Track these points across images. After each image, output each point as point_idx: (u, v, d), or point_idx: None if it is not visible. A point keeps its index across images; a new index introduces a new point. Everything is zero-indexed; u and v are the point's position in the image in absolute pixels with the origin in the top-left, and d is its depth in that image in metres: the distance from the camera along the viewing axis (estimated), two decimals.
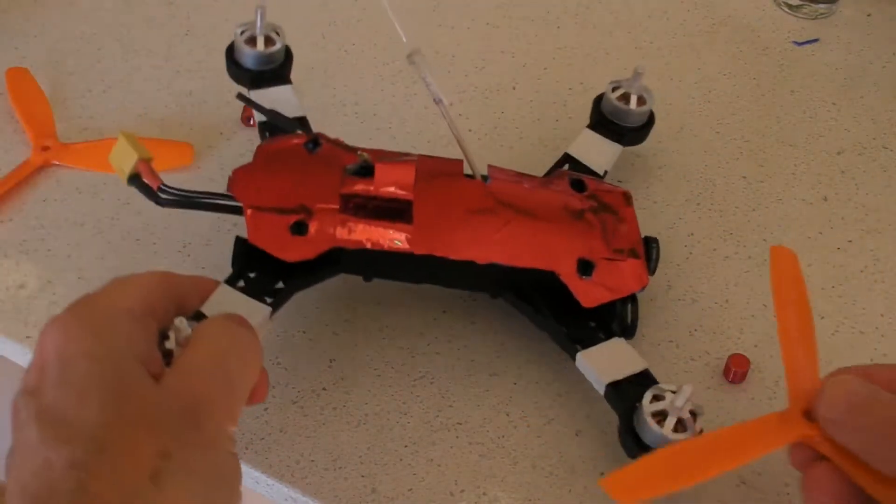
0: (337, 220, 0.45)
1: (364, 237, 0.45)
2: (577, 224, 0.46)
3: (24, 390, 0.35)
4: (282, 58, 0.55)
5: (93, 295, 0.38)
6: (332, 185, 0.45)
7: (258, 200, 0.45)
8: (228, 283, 0.44)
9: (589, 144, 0.53)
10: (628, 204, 0.48)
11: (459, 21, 0.69)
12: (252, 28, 0.54)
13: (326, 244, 0.44)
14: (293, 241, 0.44)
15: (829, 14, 0.68)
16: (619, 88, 0.55)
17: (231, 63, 0.54)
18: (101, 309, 0.37)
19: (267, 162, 0.47)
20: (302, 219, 0.45)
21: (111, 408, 0.33)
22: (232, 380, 0.37)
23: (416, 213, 0.45)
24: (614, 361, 0.43)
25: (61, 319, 0.36)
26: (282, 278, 0.45)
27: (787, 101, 0.62)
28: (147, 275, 0.40)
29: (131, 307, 0.37)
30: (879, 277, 0.52)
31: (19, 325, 0.51)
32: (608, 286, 0.45)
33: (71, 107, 0.63)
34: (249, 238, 0.45)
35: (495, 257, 0.45)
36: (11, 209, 0.56)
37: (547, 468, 0.44)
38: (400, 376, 0.48)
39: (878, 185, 0.56)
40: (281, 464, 0.44)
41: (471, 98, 0.63)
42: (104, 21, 0.70)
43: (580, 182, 0.49)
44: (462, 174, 0.48)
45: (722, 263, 0.52)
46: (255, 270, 0.45)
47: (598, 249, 0.46)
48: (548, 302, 0.46)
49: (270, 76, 0.54)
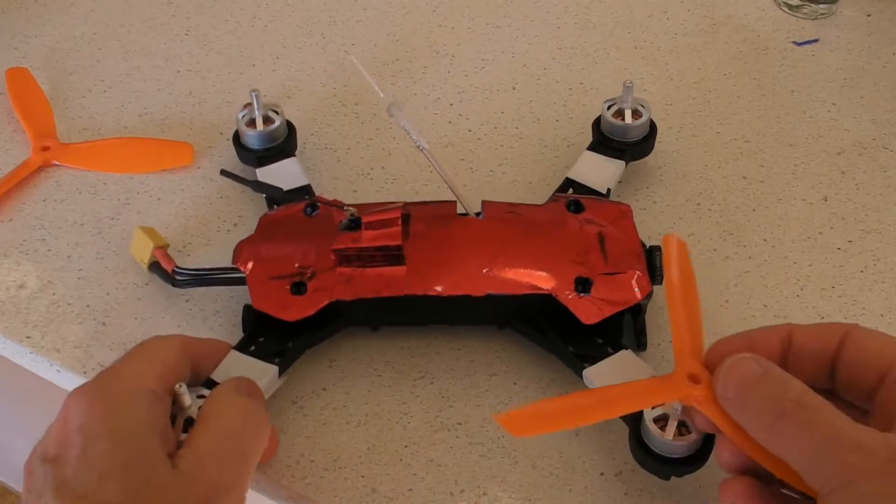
0: (333, 274, 0.46)
1: (359, 287, 0.46)
2: (572, 244, 0.47)
3: (44, 457, 0.36)
4: (284, 133, 0.56)
5: (118, 367, 0.40)
6: (328, 244, 0.47)
7: (260, 270, 0.47)
8: (240, 348, 0.46)
9: (589, 166, 0.54)
10: (627, 218, 0.49)
11: (459, 21, 0.69)
12: (251, 111, 0.55)
13: (325, 299, 0.46)
14: (293, 301, 0.46)
15: (829, 14, 0.68)
16: (614, 105, 0.55)
17: (238, 147, 0.56)
18: (125, 386, 0.38)
19: (268, 231, 0.49)
20: (300, 279, 0.46)
21: (131, 493, 0.34)
22: (247, 458, 0.39)
23: (407, 255, 0.46)
24: (620, 374, 0.44)
25: (87, 392, 0.37)
26: (290, 339, 0.46)
27: (787, 101, 0.62)
28: (168, 344, 0.41)
29: (153, 388, 0.38)
30: (879, 277, 0.52)
31: (19, 325, 0.51)
32: (609, 300, 0.45)
33: (71, 107, 0.63)
34: (253, 304, 0.46)
35: (490, 288, 0.46)
36: (11, 209, 0.56)
37: (547, 468, 0.44)
38: (400, 376, 0.48)
39: (878, 185, 0.56)
40: (281, 464, 0.44)
41: (471, 98, 0.63)
42: (104, 21, 0.70)
43: (577, 203, 0.49)
44: (455, 214, 0.49)
45: (722, 263, 0.52)
46: (264, 334, 0.47)
47: (596, 265, 0.46)
48: (553, 324, 0.46)
49: (276, 152, 0.55)
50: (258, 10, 0.71)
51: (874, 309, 0.50)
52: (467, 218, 0.48)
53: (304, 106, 0.63)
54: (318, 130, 0.61)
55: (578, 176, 0.53)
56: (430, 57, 0.66)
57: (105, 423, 0.36)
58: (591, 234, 0.47)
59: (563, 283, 0.46)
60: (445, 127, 0.61)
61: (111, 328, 0.50)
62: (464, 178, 0.57)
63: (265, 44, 0.68)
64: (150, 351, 0.41)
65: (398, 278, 0.46)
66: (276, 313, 0.46)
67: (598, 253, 0.46)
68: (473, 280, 0.46)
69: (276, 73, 0.65)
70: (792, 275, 0.52)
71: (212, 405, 0.39)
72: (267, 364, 0.45)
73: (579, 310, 0.45)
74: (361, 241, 0.46)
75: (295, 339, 0.46)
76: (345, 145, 0.60)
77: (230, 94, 0.64)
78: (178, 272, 0.49)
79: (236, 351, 0.45)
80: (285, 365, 0.46)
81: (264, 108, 0.55)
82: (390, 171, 0.58)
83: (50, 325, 0.51)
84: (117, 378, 0.39)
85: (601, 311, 0.45)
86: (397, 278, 0.46)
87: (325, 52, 0.67)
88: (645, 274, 0.46)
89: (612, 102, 0.55)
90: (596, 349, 0.45)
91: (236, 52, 0.67)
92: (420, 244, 0.47)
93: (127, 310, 0.51)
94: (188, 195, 0.57)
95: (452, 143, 0.60)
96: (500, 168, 0.58)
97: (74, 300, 0.52)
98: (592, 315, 0.45)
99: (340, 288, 0.46)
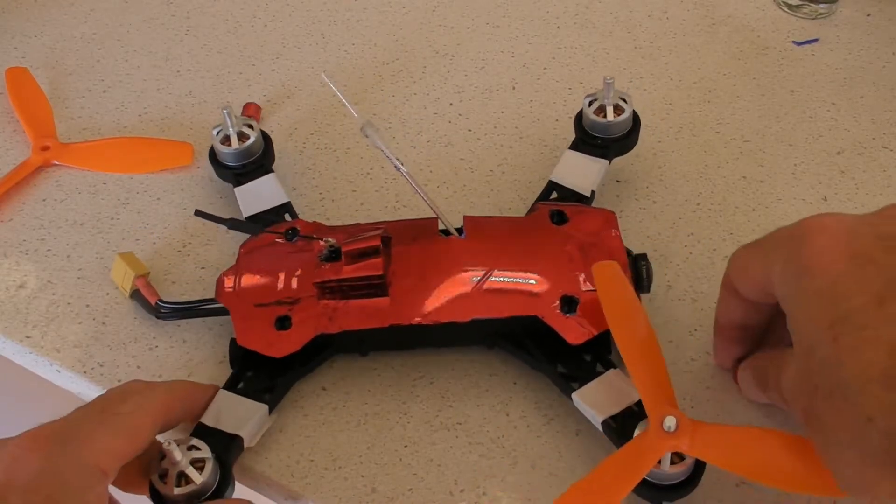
0: (317, 307, 0.46)
1: (344, 319, 0.46)
2: (557, 261, 0.46)
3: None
4: (260, 148, 0.55)
5: (84, 431, 0.38)
6: (310, 273, 0.46)
7: (242, 302, 0.47)
8: (229, 386, 0.45)
9: (572, 166, 0.53)
10: (611, 226, 0.48)
11: (459, 21, 0.69)
12: (225, 128, 0.54)
13: (310, 333, 0.45)
14: (279, 336, 0.46)
15: (829, 14, 0.68)
16: (595, 101, 0.53)
17: (215, 164, 0.55)
18: (81, 460, 0.37)
19: (248, 261, 0.48)
20: (285, 313, 0.46)
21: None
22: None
23: (390, 282, 0.46)
24: (609, 395, 0.43)
25: (41, 450, 0.37)
26: (279, 373, 0.46)
27: (786, 101, 0.62)
28: (148, 405, 0.40)
29: (106, 468, 0.37)
30: None
31: (19, 325, 0.51)
32: (595, 320, 0.45)
33: (71, 107, 0.63)
34: (238, 341, 0.46)
35: (476, 314, 0.45)
36: (11, 209, 0.56)
37: (547, 468, 0.44)
38: (400, 376, 0.48)
39: (878, 185, 0.56)
40: (281, 464, 0.45)
41: (471, 98, 0.63)
42: (104, 21, 0.70)
43: (560, 213, 0.49)
44: (436, 232, 0.48)
45: (722, 263, 0.52)
46: (251, 369, 0.46)
47: (581, 282, 0.46)
48: (540, 343, 0.46)
49: (253, 168, 0.54)
50: (258, 10, 0.71)
51: None
52: (449, 238, 0.48)
53: (303, 106, 0.63)
54: (318, 130, 0.61)
55: (561, 178, 0.52)
56: (429, 57, 0.66)
57: (46, 499, 0.35)
58: (575, 248, 0.47)
59: (549, 303, 0.45)
60: (445, 127, 0.61)
61: (111, 328, 0.50)
62: (464, 177, 0.57)
63: (265, 44, 0.68)
64: (125, 417, 0.39)
65: (383, 309, 0.46)
66: (262, 350, 0.45)
67: (583, 268, 0.46)
68: (458, 306, 0.45)
69: (276, 73, 0.65)
70: None
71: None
72: (256, 403, 0.45)
73: (565, 330, 0.45)
74: (342, 272, 0.45)
75: (283, 375, 0.46)
76: (345, 145, 0.60)
77: (230, 94, 0.64)
78: (161, 305, 0.49)
79: (225, 391, 0.45)
80: (275, 401, 0.45)
81: (238, 124, 0.54)
82: (390, 171, 0.58)
83: (50, 324, 0.51)
84: (76, 447, 0.37)
85: (587, 331, 0.45)
86: (382, 309, 0.46)
87: (325, 52, 0.67)
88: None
89: (592, 98, 0.54)
90: (584, 368, 0.45)
91: (236, 52, 0.67)
92: (403, 270, 0.46)
93: (127, 310, 0.51)
94: (188, 195, 0.57)
95: (452, 142, 0.60)
96: (500, 168, 0.58)
97: (74, 300, 0.52)
98: (579, 335, 0.45)
99: (325, 322, 0.46)
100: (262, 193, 0.53)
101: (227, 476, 0.41)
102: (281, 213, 0.52)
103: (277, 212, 0.52)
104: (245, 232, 0.51)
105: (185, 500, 0.40)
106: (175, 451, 0.39)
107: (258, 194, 0.53)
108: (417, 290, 0.46)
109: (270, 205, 0.52)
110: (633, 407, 0.43)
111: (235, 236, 0.54)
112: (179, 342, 0.49)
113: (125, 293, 0.51)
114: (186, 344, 0.49)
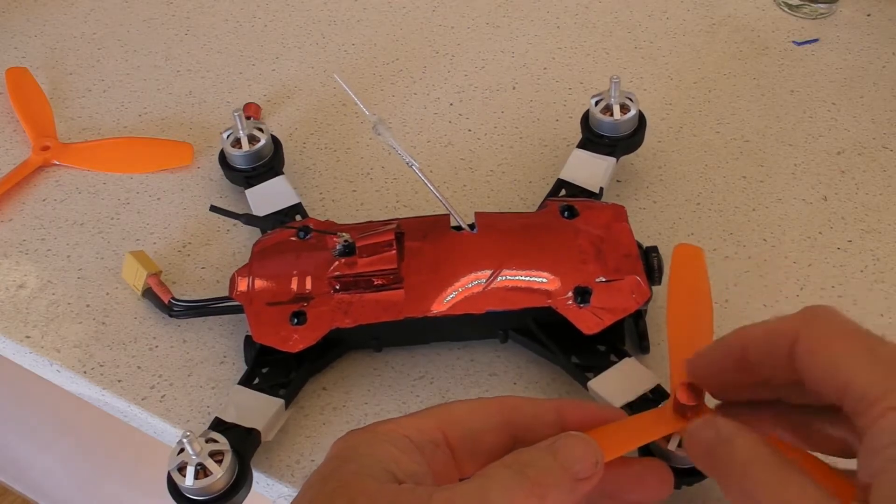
0: (332, 301, 0.46)
1: (359, 313, 0.46)
2: (568, 253, 0.46)
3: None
4: (270, 151, 0.55)
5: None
6: (324, 270, 0.46)
7: (256, 300, 0.47)
8: (245, 382, 0.45)
9: (580, 165, 0.53)
10: (622, 220, 0.48)
11: (459, 21, 0.69)
12: (235, 130, 0.54)
13: (325, 327, 0.46)
14: (294, 331, 0.46)
15: (829, 14, 0.68)
16: (602, 101, 0.54)
17: (225, 167, 0.55)
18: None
19: (262, 258, 0.48)
20: (300, 308, 0.46)
21: None
22: None
23: (404, 276, 0.46)
24: (624, 384, 0.43)
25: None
26: (293, 368, 0.46)
27: (786, 101, 0.62)
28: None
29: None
30: (879, 277, 0.52)
31: (19, 325, 0.51)
32: (609, 308, 0.45)
33: (71, 107, 0.63)
34: (253, 337, 0.46)
35: (489, 306, 0.45)
36: (11, 209, 0.56)
37: None
38: (400, 376, 0.48)
39: (878, 185, 0.56)
40: (281, 464, 0.44)
41: (471, 98, 0.63)
42: (104, 21, 0.70)
43: (570, 209, 0.49)
44: (449, 228, 0.48)
45: (722, 263, 0.52)
46: (266, 364, 0.46)
47: (594, 273, 0.46)
48: (554, 335, 0.46)
49: (263, 170, 0.55)
50: (258, 10, 0.71)
51: (874, 309, 0.50)
52: (462, 233, 0.48)
53: (303, 106, 0.63)
54: (318, 130, 0.61)
55: (570, 176, 0.53)
56: (429, 57, 0.66)
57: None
58: (586, 240, 0.47)
59: (562, 294, 0.45)
60: (445, 127, 0.61)
61: (111, 328, 0.50)
62: (464, 177, 0.57)
63: (265, 44, 0.68)
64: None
65: (397, 302, 0.46)
66: (277, 345, 0.45)
67: (595, 260, 0.46)
68: (472, 298, 0.46)
69: (276, 73, 0.65)
70: (792, 275, 0.52)
71: None
72: (271, 398, 0.45)
73: (579, 320, 0.45)
74: (357, 267, 0.46)
75: (298, 369, 0.46)
76: (345, 145, 0.60)
77: (230, 94, 0.64)
78: (174, 304, 0.49)
79: (241, 386, 0.45)
80: (290, 396, 0.46)
81: (249, 127, 0.55)
82: (390, 171, 0.58)
83: (50, 324, 0.51)
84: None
85: (601, 320, 0.45)
86: (396, 302, 0.46)
87: (325, 52, 0.67)
88: (643, 278, 0.46)
89: (599, 97, 0.54)
90: (599, 358, 0.45)
91: (236, 52, 0.67)
92: (416, 264, 0.47)
93: (127, 310, 0.51)
94: (188, 195, 0.57)
95: (452, 142, 0.60)
96: (500, 168, 0.58)
97: (74, 300, 0.52)
98: (593, 325, 0.45)
99: (340, 316, 0.46)
100: (272, 195, 0.53)
101: (244, 470, 0.41)
102: (292, 214, 0.52)
103: (288, 212, 0.52)
104: (260, 227, 0.51)
105: (202, 493, 0.40)
106: (194, 443, 0.39)
107: (269, 196, 0.53)
108: (432, 284, 0.46)
109: (281, 206, 0.53)
110: (648, 394, 0.43)
111: (236, 237, 0.54)
112: (179, 342, 0.49)
113: (137, 292, 0.51)
114: (186, 344, 0.49)
